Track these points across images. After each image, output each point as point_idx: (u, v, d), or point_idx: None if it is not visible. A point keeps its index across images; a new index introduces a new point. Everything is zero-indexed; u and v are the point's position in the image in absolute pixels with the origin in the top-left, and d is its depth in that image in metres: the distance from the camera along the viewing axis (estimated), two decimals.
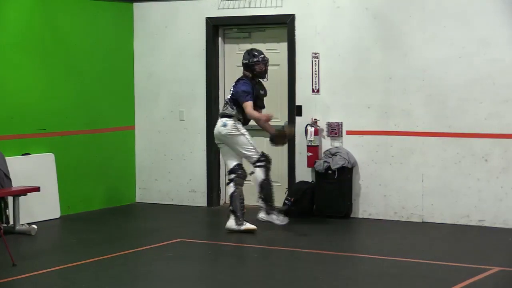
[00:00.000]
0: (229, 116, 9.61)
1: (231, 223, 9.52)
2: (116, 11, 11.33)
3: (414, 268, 7.89)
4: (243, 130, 9.61)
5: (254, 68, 9.69)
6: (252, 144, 9.62)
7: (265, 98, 9.90)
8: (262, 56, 9.73)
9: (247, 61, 9.70)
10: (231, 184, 9.57)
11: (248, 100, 9.49)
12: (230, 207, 9.56)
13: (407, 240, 9.24)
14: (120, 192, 11.44)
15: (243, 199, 9.55)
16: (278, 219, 9.81)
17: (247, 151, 9.60)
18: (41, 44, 10.36)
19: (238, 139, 9.58)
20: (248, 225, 9.49)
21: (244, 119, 9.68)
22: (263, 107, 9.88)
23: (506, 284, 7.38)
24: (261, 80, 9.80)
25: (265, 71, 9.75)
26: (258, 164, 9.64)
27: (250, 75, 9.70)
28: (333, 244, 9.07)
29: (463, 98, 9.74)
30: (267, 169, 9.66)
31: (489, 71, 9.60)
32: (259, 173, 9.65)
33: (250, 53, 9.75)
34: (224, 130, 9.58)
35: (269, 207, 9.76)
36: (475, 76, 9.67)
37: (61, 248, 9.13)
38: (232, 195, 9.54)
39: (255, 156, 9.63)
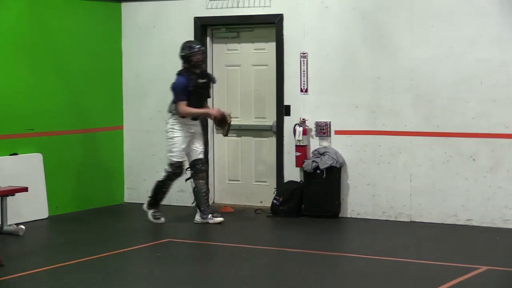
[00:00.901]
0: (173, 114, 9.89)
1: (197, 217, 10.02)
2: (104, 11, 11.31)
3: (403, 268, 7.90)
4: (178, 134, 9.82)
5: (191, 59, 9.84)
6: (174, 150, 9.80)
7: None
8: (198, 46, 9.89)
9: (183, 54, 9.87)
10: (191, 180, 9.96)
11: (180, 100, 9.74)
12: (194, 202, 10.01)
13: (395, 239, 9.25)
14: (108, 192, 11.42)
15: (205, 193, 9.95)
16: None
17: (168, 153, 9.85)
18: (29, 44, 10.32)
19: (168, 140, 9.86)
20: (215, 219, 9.94)
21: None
22: (208, 95, 10.06)
23: (494, 283, 7.40)
24: (201, 69, 9.96)
25: (202, 62, 9.93)
26: (166, 169, 9.88)
27: (187, 66, 9.89)
28: (322, 243, 9.07)
29: (451, 97, 9.76)
30: (167, 177, 9.87)
31: (476, 71, 9.62)
32: (161, 177, 9.98)
33: (186, 45, 9.94)
34: (166, 127, 9.93)
35: (152, 205, 10.05)
36: (463, 76, 9.69)
37: (49, 249, 9.09)
38: (193, 191, 9.96)
39: (171, 161, 9.83)
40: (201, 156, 9.97)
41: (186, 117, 9.81)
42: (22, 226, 9.51)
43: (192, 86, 9.79)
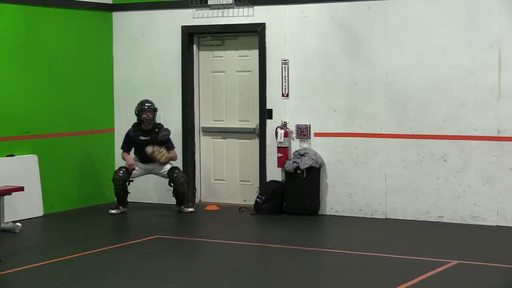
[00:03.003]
0: None
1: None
2: (96, 19, 11.26)
3: (378, 262, 7.91)
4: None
5: (141, 115, 10.46)
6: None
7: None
8: (149, 105, 10.48)
9: (136, 110, 10.54)
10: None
11: (122, 148, 10.68)
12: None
13: (371, 235, 9.25)
14: (100, 191, 11.37)
15: (117, 190, 10.52)
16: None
17: None
18: (25, 51, 10.27)
19: None
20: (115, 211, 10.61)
21: (139, 158, 10.63)
22: (169, 147, 10.52)
23: (464, 276, 7.41)
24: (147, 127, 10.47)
25: (151, 119, 10.46)
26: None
27: (138, 121, 10.54)
28: (302, 239, 9.06)
29: (423, 102, 9.79)
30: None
31: (447, 76, 9.66)
32: None
33: (140, 102, 10.54)
34: None
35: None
36: (434, 81, 9.72)
37: (44, 245, 9.06)
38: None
39: None
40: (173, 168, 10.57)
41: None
42: (19, 224, 9.47)
43: (134, 142, 10.49)
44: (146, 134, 10.53)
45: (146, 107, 10.46)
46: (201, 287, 7.16)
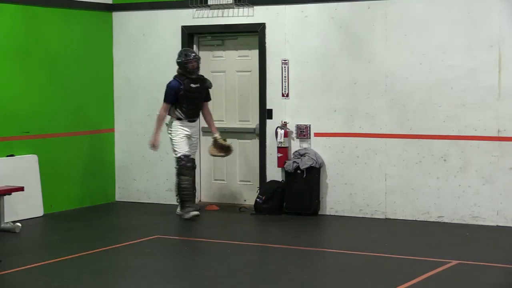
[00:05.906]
0: (170, 115, 10.11)
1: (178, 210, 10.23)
2: (96, 19, 11.27)
3: (378, 262, 7.91)
4: (174, 132, 10.01)
5: (187, 66, 9.94)
6: (176, 147, 10.00)
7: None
8: (193, 54, 10.04)
9: (180, 60, 9.99)
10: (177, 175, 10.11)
11: (164, 101, 9.99)
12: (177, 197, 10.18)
13: (371, 235, 9.25)
14: (100, 191, 11.37)
15: (187, 188, 9.99)
16: (187, 214, 10.02)
17: (173, 152, 10.11)
18: (25, 51, 10.27)
19: (170, 139, 10.10)
20: (192, 213, 9.97)
21: (185, 114, 9.98)
22: (205, 99, 10.20)
23: (464, 276, 7.41)
24: (196, 75, 10.02)
25: (197, 68, 10.01)
26: (175, 166, 10.08)
27: (183, 72, 10.00)
28: (302, 239, 9.05)
29: (423, 102, 9.79)
30: (177, 174, 10.00)
31: (447, 76, 9.66)
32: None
33: (183, 53, 10.07)
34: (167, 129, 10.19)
35: (182, 206, 10.13)
36: (434, 81, 9.72)
37: (44, 245, 9.05)
38: (176, 185, 10.10)
39: (175, 157, 10.03)
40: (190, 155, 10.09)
41: (184, 119, 10.01)
42: (19, 224, 9.47)
43: (184, 90, 9.92)
44: (195, 82, 10.03)
45: (192, 57, 9.99)
46: (201, 287, 7.16)
